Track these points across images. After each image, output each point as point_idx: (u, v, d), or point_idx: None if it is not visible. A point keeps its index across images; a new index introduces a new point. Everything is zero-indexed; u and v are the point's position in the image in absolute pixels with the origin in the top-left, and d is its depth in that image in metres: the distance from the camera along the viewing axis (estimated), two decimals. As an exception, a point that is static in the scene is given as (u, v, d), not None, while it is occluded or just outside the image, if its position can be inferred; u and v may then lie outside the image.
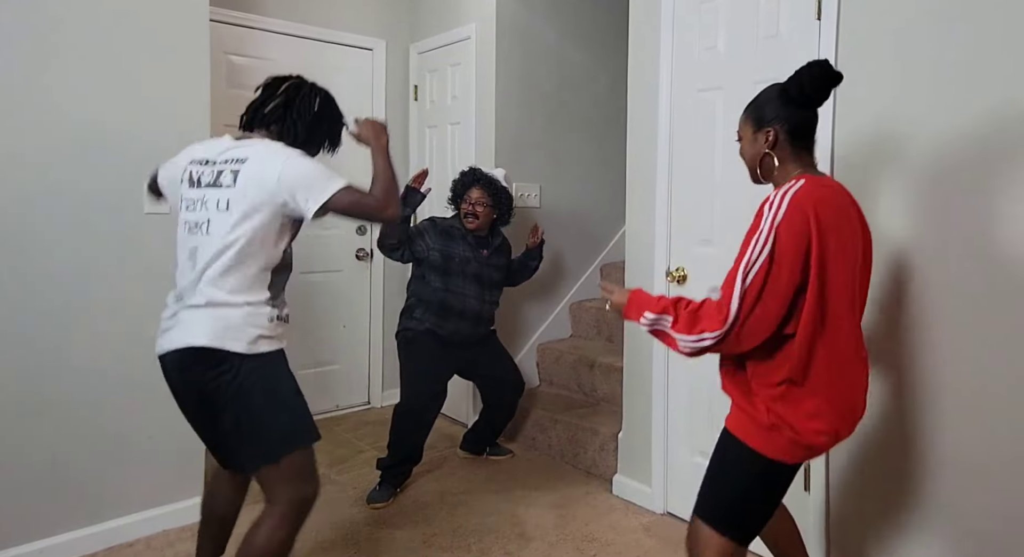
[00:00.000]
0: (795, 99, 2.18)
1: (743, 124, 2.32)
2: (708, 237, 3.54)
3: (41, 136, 3.17)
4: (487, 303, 4.22)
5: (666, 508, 3.81)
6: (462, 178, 4.26)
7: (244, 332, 2.33)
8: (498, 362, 4.41)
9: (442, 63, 5.36)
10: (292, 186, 2.33)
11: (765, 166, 2.27)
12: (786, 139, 2.21)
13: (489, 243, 4.26)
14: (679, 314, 2.13)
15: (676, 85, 3.66)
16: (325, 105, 2.64)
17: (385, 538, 3.53)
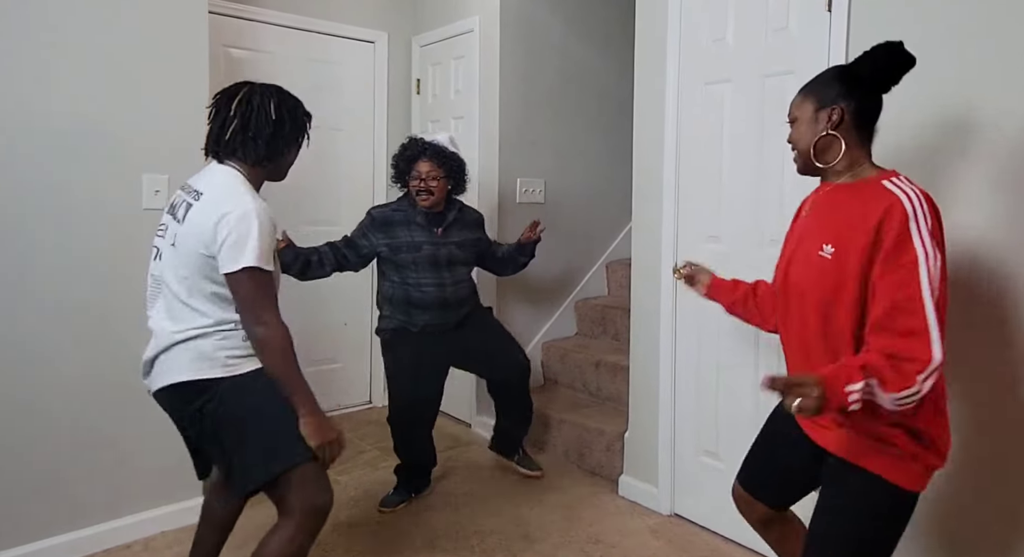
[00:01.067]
0: (865, 80, 2.08)
1: (799, 104, 2.20)
2: (716, 233, 3.53)
3: (32, 132, 3.18)
4: (451, 286, 3.84)
5: (673, 509, 3.81)
6: (404, 151, 3.90)
7: (218, 356, 2.36)
8: (489, 341, 4.08)
9: (445, 56, 5.36)
10: (221, 243, 2.30)
11: (826, 150, 2.13)
12: (851, 122, 2.09)
13: (443, 219, 3.89)
14: (883, 372, 1.81)
15: (683, 78, 3.66)
16: (280, 107, 2.56)
17: (387, 539, 3.54)
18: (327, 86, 5.23)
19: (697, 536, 3.60)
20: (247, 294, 2.31)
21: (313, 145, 5.22)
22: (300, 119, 2.67)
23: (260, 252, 2.30)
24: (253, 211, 2.32)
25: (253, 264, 2.28)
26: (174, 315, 2.40)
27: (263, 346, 2.35)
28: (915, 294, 1.82)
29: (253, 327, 2.33)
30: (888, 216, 1.89)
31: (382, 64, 5.50)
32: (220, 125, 2.49)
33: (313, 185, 5.12)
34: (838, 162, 2.12)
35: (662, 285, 3.77)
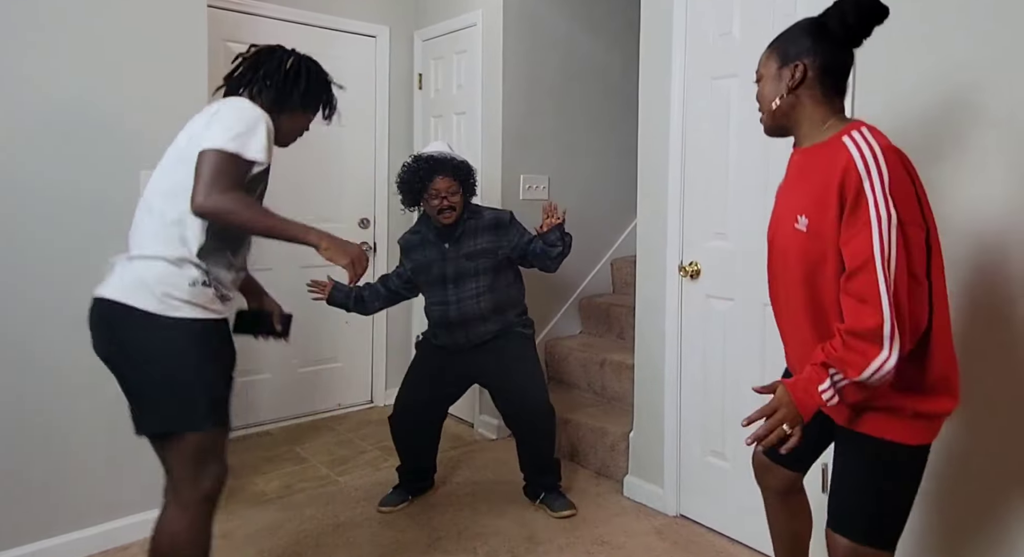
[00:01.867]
0: (832, 32, 2.01)
1: (765, 61, 2.14)
2: (722, 230, 3.53)
3: (27, 128, 3.17)
4: (455, 303, 3.80)
5: (679, 510, 3.81)
6: (415, 172, 3.79)
7: (154, 289, 2.25)
8: (507, 375, 3.87)
9: (447, 51, 5.36)
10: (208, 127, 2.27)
11: (789, 110, 2.09)
12: (816, 78, 2.03)
13: (454, 231, 3.82)
14: (844, 360, 1.85)
15: (689, 72, 3.65)
16: (299, 64, 2.59)
17: (389, 540, 3.54)
18: (328, 81, 5.21)
19: (703, 537, 3.59)
20: (208, 169, 2.20)
21: (313, 140, 5.23)
22: (319, 86, 2.67)
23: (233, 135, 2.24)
24: (251, 107, 2.34)
25: (232, 151, 2.23)
26: (133, 231, 2.37)
27: (217, 214, 2.21)
28: (868, 257, 1.81)
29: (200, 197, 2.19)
30: (845, 177, 1.86)
31: (383, 58, 5.50)
32: (236, 67, 2.57)
33: (313, 181, 5.12)
34: (803, 122, 2.09)
35: (667, 283, 3.77)
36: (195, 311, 2.29)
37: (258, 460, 4.50)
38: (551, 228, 3.77)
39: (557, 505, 3.86)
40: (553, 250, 3.78)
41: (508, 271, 3.93)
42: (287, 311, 2.94)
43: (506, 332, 3.90)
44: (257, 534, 3.57)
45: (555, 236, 3.77)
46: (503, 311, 3.88)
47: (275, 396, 5.12)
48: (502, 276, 3.89)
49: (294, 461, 4.51)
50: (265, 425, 5.05)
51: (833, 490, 2.15)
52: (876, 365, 1.80)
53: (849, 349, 1.84)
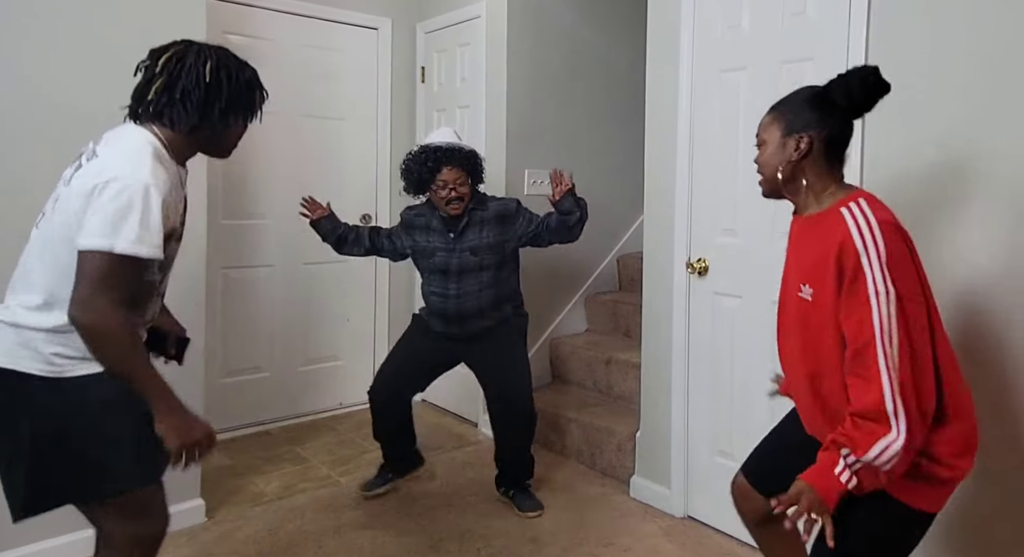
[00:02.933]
0: (838, 105, 2.05)
1: (767, 125, 2.17)
2: (731, 227, 3.52)
3: (20, 124, 3.17)
4: (455, 297, 3.79)
5: (686, 511, 3.80)
6: (423, 163, 3.77)
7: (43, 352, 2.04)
8: (496, 369, 3.90)
9: (451, 43, 5.35)
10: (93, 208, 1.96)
11: (793, 178, 2.12)
12: (821, 149, 2.07)
13: (459, 221, 3.81)
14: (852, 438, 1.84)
15: (697, 65, 3.64)
16: (218, 70, 2.20)
17: (390, 542, 3.54)
18: (329, 74, 5.23)
19: (711, 539, 3.59)
20: (91, 274, 1.93)
21: (314, 135, 5.26)
22: (245, 90, 2.32)
23: (135, 237, 1.95)
24: (142, 185, 1.98)
25: (120, 251, 1.93)
26: (15, 285, 2.12)
27: (89, 334, 1.95)
28: (869, 336, 1.83)
29: (76, 309, 1.93)
30: (843, 252, 1.89)
31: (385, 51, 5.49)
32: (144, 84, 2.19)
33: (314, 176, 5.12)
34: (804, 190, 2.11)
35: (675, 280, 3.76)
36: (89, 366, 2.06)
37: (258, 460, 4.50)
38: (563, 196, 3.73)
39: (526, 506, 3.88)
40: (571, 217, 3.75)
41: (510, 261, 3.95)
42: (185, 335, 2.67)
43: (502, 325, 3.92)
44: (257, 535, 3.58)
45: (569, 203, 3.74)
46: (501, 305, 3.89)
47: (275, 395, 5.12)
48: (504, 268, 3.89)
49: (294, 461, 4.51)
50: (265, 425, 5.05)
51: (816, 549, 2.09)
52: (883, 445, 1.79)
53: (857, 428, 1.84)
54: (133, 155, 2.05)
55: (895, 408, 1.78)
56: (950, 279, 2.71)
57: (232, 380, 4.90)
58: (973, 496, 2.70)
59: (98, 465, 2.08)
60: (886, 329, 1.81)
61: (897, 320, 1.81)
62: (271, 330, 5.07)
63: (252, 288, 4.96)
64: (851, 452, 1.83)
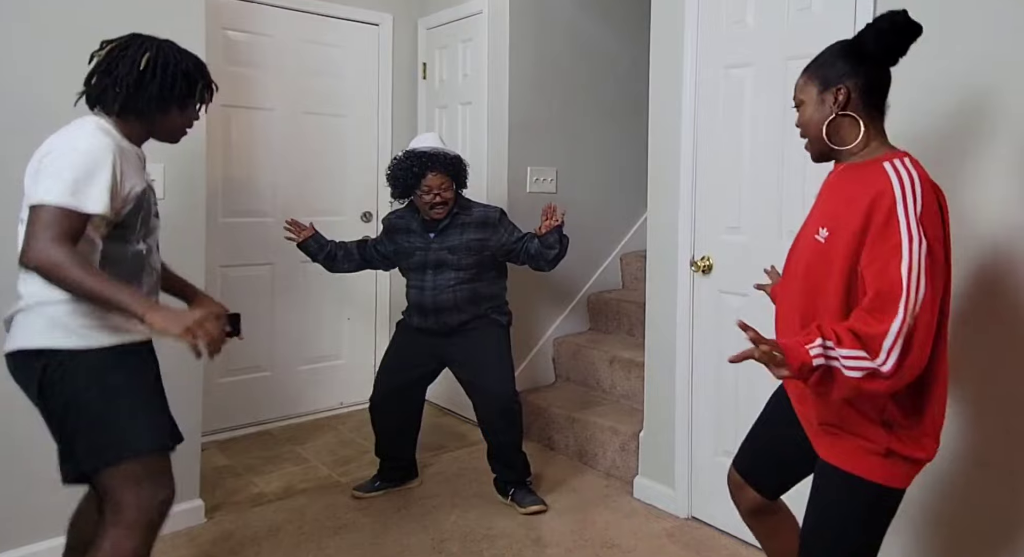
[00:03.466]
0: (870, 54, 2.05)
1: (803, 87, 2.18)
2: (736, 224, 3.52)
3: (13, 122, 3.14)
4: (431, 290, 3.86)
5: (690, 512, 3.80)
6: (408, 168, 3.85)
7: (70, 324, 2.21)
8: (476, 362, 3.95)
9: (452, 39, 5.34)
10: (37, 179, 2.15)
11: (838, 132, 2.11)
12: (859, 99, 2.07)
13: (439, 222, 3.89)
14: (839, 333, 1.86)
15: (702, 62, 3.64)
16: (155, 59, 2.34)
17: (392, 543, 3.53)
18: (329, 70, 5.23)
19: (716, 540, 3.59)
20: (31, 226, 2.09)
21: (314, 132, 5.26)
22: (180, 78, 2.41)
23: (68, 190, 2.10)
24: (82, 144, 2.18)
25: (53, 203, 2.08)
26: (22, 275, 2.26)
27: (41, 270, 2.06)
28: (894, 280, 1.83)
29: (24, 257, 2.08)
30: (878, 200, 1.90)
31: (387, 47, 5.49)
32: (91, 71, 2.38)
33: (315, 174, 5.12)
34: (855, 144, 2.10)
35: (679, 278, 3.76)
36: (109, 334, 2.26)
37: (258, 460, 4.50)
38: (550, 230, 3.82)
39: (526, 501, 3.90)
40: (550, 252, 3.85)
41: (491, 268, 4.00)
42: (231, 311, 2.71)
43: (480, 319, 3.96)
44: (257, 536, 3.57)
45: (553, 238, 3.83)
46: (478, 303, 3.94)
47: (275, 394, 5.11)
48: (484, 272, 3.95)
49: (295, 461, 4.51)
50: (265, 424, 5.05)
51: (805, 525, 2.16)
52: (861, 356, 1.82)
53: (848, 332, 1.85)
54: (73, 130, 2.25)
55: (892, 346, 1.81)
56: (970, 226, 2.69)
57: (232, 379, 4.89)
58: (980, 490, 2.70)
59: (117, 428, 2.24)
60: (914, 277, 1.82)
61: (925, 272, 1.83)
62: (271, 329, 5.07)
63: (252, 287, 4.95)
64: (833, 344, 1.84)
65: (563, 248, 3.87)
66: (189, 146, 3.44)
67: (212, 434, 4.65)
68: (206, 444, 4.26)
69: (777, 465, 2.42)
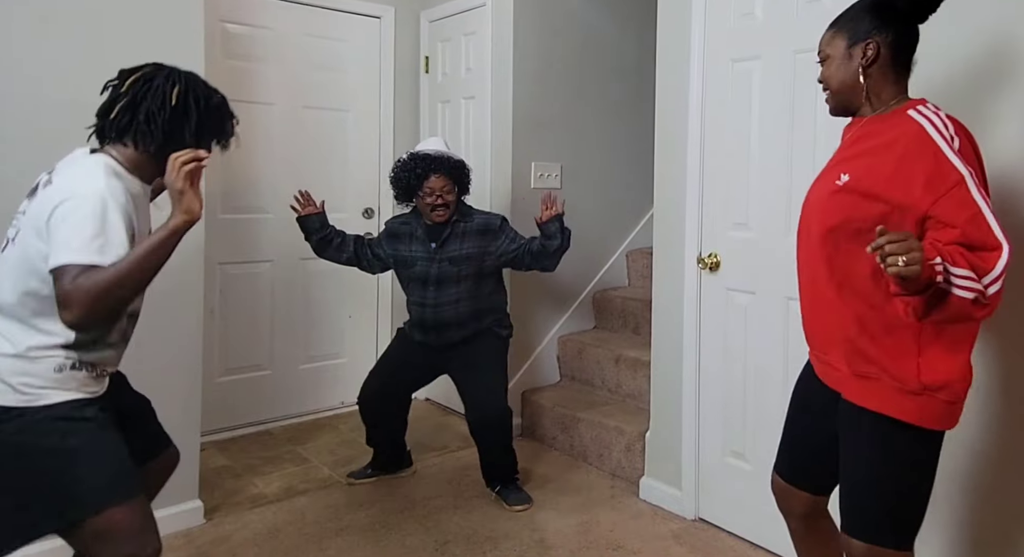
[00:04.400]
0: (900, 8, 2.08)
1: (830, 41, 2.20)
2: (743, 221, 3.51)
3: (11, 119, 3.15)
4: (432, 306, 3.94)
5: (697, 514, 3.79)
6: (412, 170, 3.94)
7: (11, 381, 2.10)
8: (471, 376, 4.01)
9: (455, 32, 5.34)
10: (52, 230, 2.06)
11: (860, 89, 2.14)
12: (888, 54, 2.10)
13: (442, 230, 3.96)
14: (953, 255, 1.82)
15: (709, 55, 3.63)
16: (185, 94, 2.28)
17: (394, 544, 3.54)
18: (330, 64, 5.23)
19: (723, 542, 3.58)
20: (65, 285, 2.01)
21: (315, 127, 5.26)
22: (215, 114, 2.39)
23: (97, 247, 2.04)
24: (97, 193, 2.09)
25: (86, 262, 2.01)
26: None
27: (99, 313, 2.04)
28: (976, 211, 1.87)
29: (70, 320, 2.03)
30: (912, 142, 1.96)
31: (388, 40, 5.48)
32: (109, 103, 2.29)
33: (315, 170, 5.11)
34: (871, 99, 2.14)
35: (686, 275, 3.75)
36: (60, 393, 2.15)
37: (257, 461, 4.50)
38: (550, 219, 3.87)
39: (512, 499, 3.97)
40: (552, 243, 3.89)
41: (491, 279, 4.08)
42: None
43: (481, 333, 4.05)
44: (256, 538, 3.58)
45: (554, 228, 3.87)
46: (480, 318, 4.02)
47: (275, 393, 5.12)
48: (485, 283, 4.03)
49: (295, 462, 4.51)
50: (265, 424, 5.05)
51: (842, 487, 2.18)
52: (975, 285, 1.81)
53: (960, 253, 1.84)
54: (86, 174, 2.15)
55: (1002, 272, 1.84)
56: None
57: (231, 379, 4.90)
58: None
59: (66, 486, 2.11)
60: (988, 202, 1.89)
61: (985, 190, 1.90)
62: (271, 327, 5.07)
63: (252, 284, 4.96)
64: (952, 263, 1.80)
65: (565, 239, 3.90)
66: (187, 141, 3.46)
67: (211, 434, 4.65)
68: (205, 444, 4.26)
69: (824, 457, 2.36)
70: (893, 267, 1.69)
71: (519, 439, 4.78)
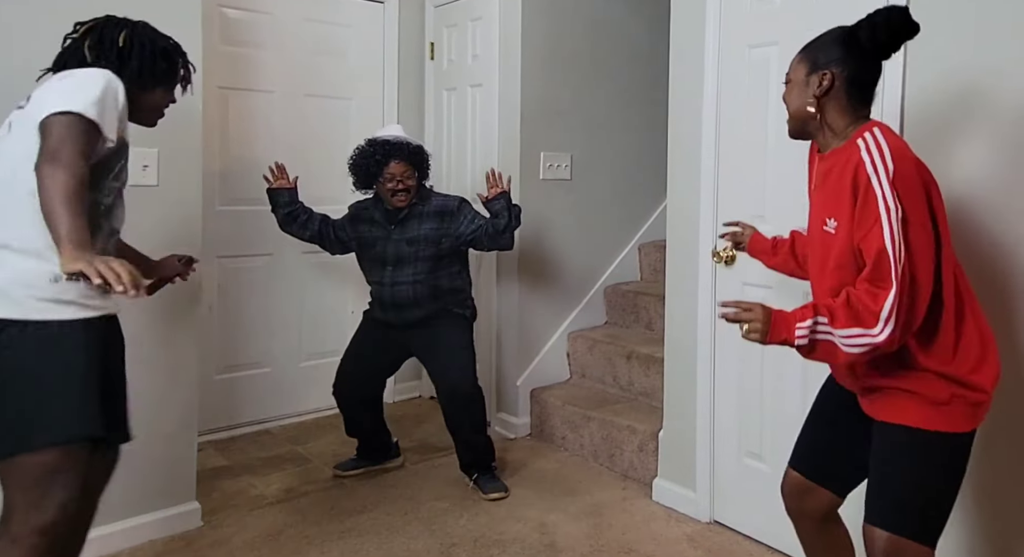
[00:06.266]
0: (863, 45, 2.17)
1: (795, 65, 2.32)
2: (760, 212, 3.49)
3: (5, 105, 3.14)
4: (390, 285, 4.05)
5: (712, 516, 3.79)
6: (371, 156, 4.08)
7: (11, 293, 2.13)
8: (436, 355, 4.14)
9: (462, 17, 5.34)
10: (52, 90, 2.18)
11: (815, 116, 2.26)
12: (843, 87, 2.21)
13: (399, 213, 4.09)
14: (834, 311, 2.04)
15: (725, 41, 3.62)
16: (131, 38, 2.42)
17: (399, 548, 3.54)
18: (332, 50, 5.24)
19: (739, 545, 3.58)
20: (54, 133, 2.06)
21: (316, 115, 5.25)
22: (160, 57, 2.49)
23: (92, 102, 2.13)
24: (99, 73, 2.23)
25: (78, 110, 2.10)
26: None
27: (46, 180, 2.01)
28: (880, 247, 1.99)
29: (42, 159, 2.04)
30: (856, 175, 2.07)
31: (392, 26, 5.48)
32: (64, 48, 2.45)
33: (316, 159, 5.10)
34: (826, 129, 2.26)
35: (700, 269, 3.75)
36: (58, 309, 2.17)
37: (257, 461, 4.51)
38: (495, 196, 4.02)
39: (488, 487, 4.09)
40: (499, 221, 3.99)
41: (453, 262, 4.18)
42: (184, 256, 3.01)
43: (440, 312, 4.13)
44: (256, 541, 3.58)
45: (500, 205, 4.01)
46: (439, 298, 4.12)
47: (275, 392, 5.12)
48: (444, 265, 4.12)
49: (296, 462, 4.52)
50: (264, 423, 5.06)
51: (870, 483, 2.23)
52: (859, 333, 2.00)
53: (847, 307, 2.02)
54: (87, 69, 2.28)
55: (890, 314, 1.97)
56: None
57: (229, 376, 4.91)
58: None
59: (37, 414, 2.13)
60: (896, 242, 1.98)
61: (904, 237, 1.99)
62: (271, 323, 5.08)
63: (250, 278, 4.97)
64: (828, 322, 2.03)
65: (513, 217, 4.01)
66: (184, 130, 3.45)
67: (209, 433, 4.67)
68: (202, 444, 4.27)
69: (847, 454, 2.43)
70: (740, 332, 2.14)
71: (527, 438, 4.79)
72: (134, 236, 3.37)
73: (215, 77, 4.44)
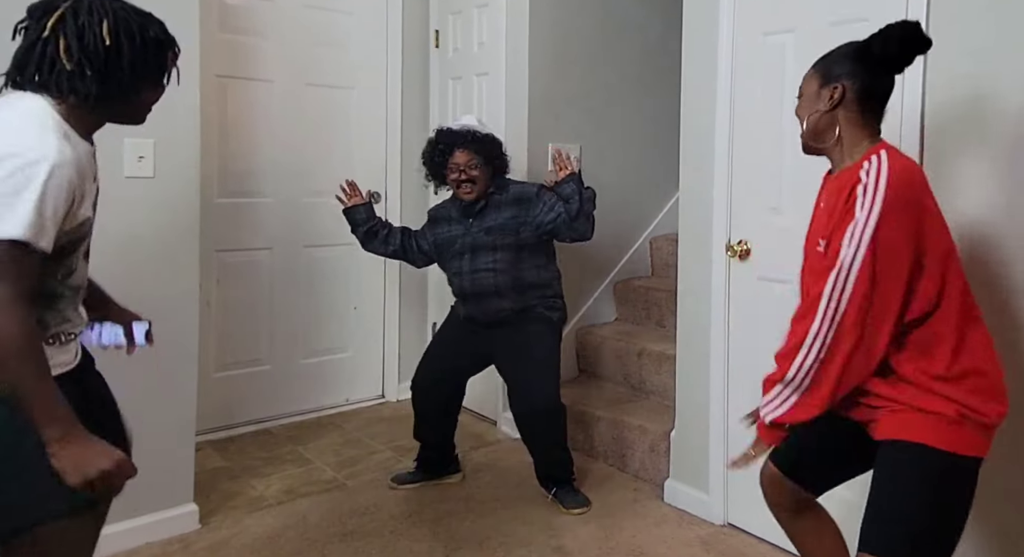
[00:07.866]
0: (876, 58, 2.21)
1: (808, 78, 2.36)
2: (776, 205, 3.49)
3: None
4: (469, 274, 3.97)
5: (726, 519, 3.79)
6: (435, 146, 4.07)
7: None
8: (517, 366, 4.00)
9: (467, 4, 5.33)
10: None
11: (824, 130, 2.30)
12: (855, 100, 2.23)
13: (475, 206, 4.03)
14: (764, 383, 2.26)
15: (739, 28, 3.61)
16: (117, 31, 1.98)
17: (402, 551, 3.55)
18: (333, 38, 5.24)
19: (754, 548, 3.58)
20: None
21: (318, 106, 5.25)
22: (153, 49, 2.10)
23: (31, 220, 1.77)
24: (44, 159, 1.80)
25: (14, 236, 1.75)
26: None
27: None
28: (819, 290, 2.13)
29: None
30: (849, 197, 2.12)
31: (396, 13, 5.48)
32: (27, 48, 1.96)
33: (318, 152, 5.12)
34: (834, 144, 2.30)
35: (713, 264, 3.74)
36: None
37: (256, 461, 4.52)
38: (564, 179, 3.96)
39: (568, 501, 3.96)
40: (571, 206, 3.89)
41: (537, 253, 4.05)
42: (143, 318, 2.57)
43: (527, 313, 4.01)
44: (255, 543, 3.59)
45: (570, 188, 3.94)
46: (523, 291, 3.98)
47: (276, 390, 5.13)
48: (527, 256, 4.00)
49: (297, 462, 4.53)
50: (264, 422, 5.07)
51: (867, 507, 2.20)
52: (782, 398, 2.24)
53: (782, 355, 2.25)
54: (32, 126, 1.88)
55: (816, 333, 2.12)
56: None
57: (228, 374, 4.92)
58: None
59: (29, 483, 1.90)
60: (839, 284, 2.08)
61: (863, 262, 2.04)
62: (271, 319, 5.09)
63: (250, 273, 4.97)
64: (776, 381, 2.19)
65: (584, 200, 3.91)
66: (181, 120, 3.45)
67: (207, 433, 4.66)
68: (201, 444, 4.27)
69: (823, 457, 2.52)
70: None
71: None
72: (128, 230, 3.39)
73: (213, 66, 4.44)
